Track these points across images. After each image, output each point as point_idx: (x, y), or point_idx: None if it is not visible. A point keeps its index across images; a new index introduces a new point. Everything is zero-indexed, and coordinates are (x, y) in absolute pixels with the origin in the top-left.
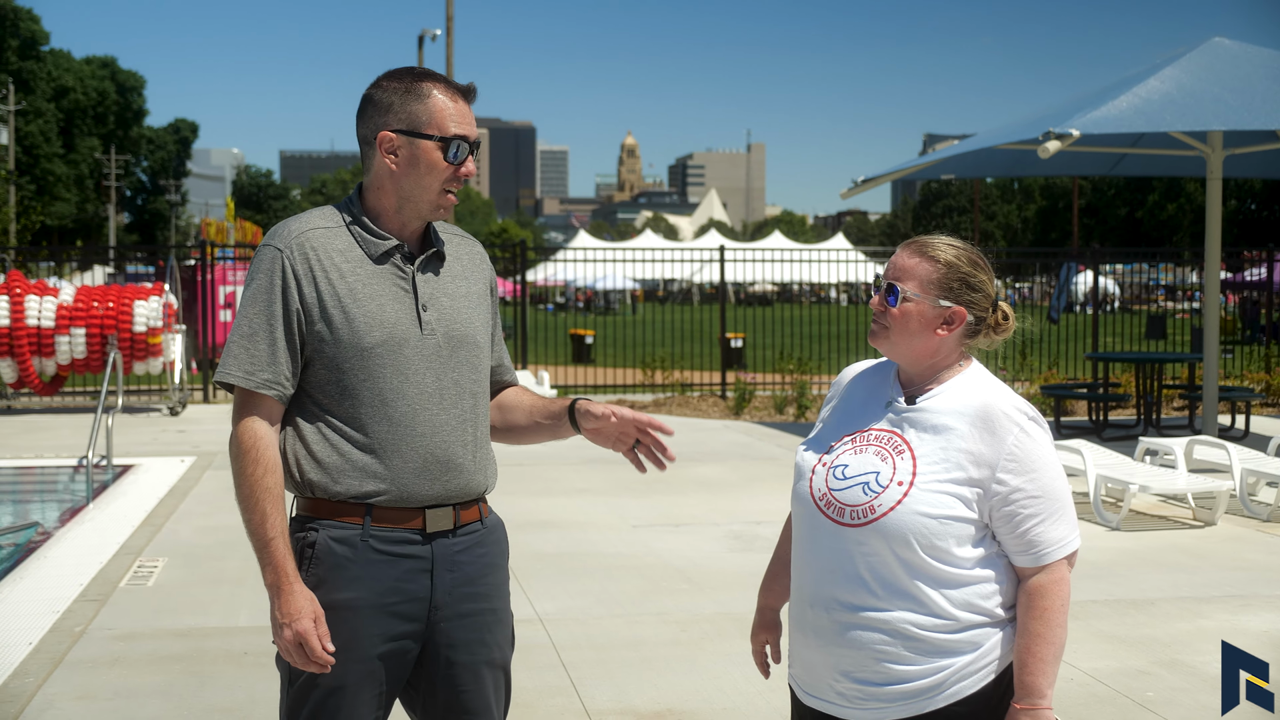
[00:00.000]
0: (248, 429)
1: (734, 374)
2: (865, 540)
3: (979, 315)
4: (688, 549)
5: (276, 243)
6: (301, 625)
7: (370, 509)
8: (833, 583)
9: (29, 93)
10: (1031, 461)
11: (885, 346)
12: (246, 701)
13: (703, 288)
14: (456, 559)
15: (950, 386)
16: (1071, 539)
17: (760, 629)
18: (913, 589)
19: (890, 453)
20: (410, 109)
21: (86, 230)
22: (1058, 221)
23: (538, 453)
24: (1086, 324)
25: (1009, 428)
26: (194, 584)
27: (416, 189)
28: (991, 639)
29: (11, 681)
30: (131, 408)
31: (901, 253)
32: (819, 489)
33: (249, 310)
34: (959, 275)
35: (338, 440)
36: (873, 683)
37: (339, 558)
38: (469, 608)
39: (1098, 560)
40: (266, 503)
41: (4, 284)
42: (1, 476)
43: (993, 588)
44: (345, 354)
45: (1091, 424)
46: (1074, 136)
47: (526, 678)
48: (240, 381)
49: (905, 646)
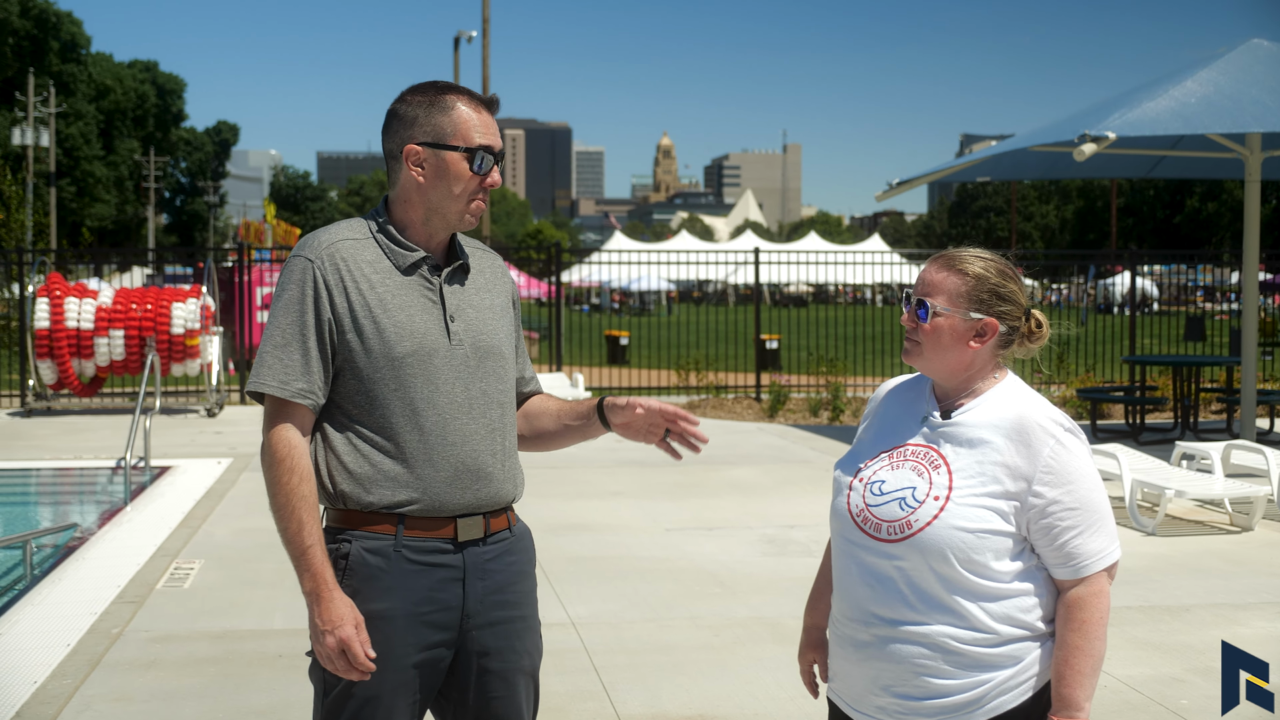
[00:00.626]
0: (282, 438)
1: (768, 376)
2: (903, 556)
3: (1011, 325)
4: (720, 553)
5: (307, 253)
6: (344, 632)
7: (402, 519)
8: (872, 598)
9: (69, 95)
10: (1068, 473)
11: (919, 363)
12: (281, 704)
13: (738, 289)
14: (487, 567)
15: (985, 399)
16: (1111, 550)
17: (807, 648)
18: (952, 603)
19: (926, 467)
20: (435, 121)
21: (126, 231)
22: (1096, 222)
23: (570, 455)
24: (1124, 326)
25: (1044, 439)
26: (230, 586)
27: (444, 200)
28: (1032, 653)
29: (50, 683)
30: (169, 409)
31: (930, 267)
32: (856, 505)
33: (281, 320)
34: (989, 287)
35: (369, 450)
36: (913, 697)
37: (372, 568)
38: (499, 615)
39: (1133, 566)
40: (303, 511)
41: (43, 286)
42: (41, 477)
43: (1032, 601)
44: (376, 364)
45: (1128, 428)
46: (1110, 139)
47: (558, 681)
48: (275, 391)
49: (945, 660)
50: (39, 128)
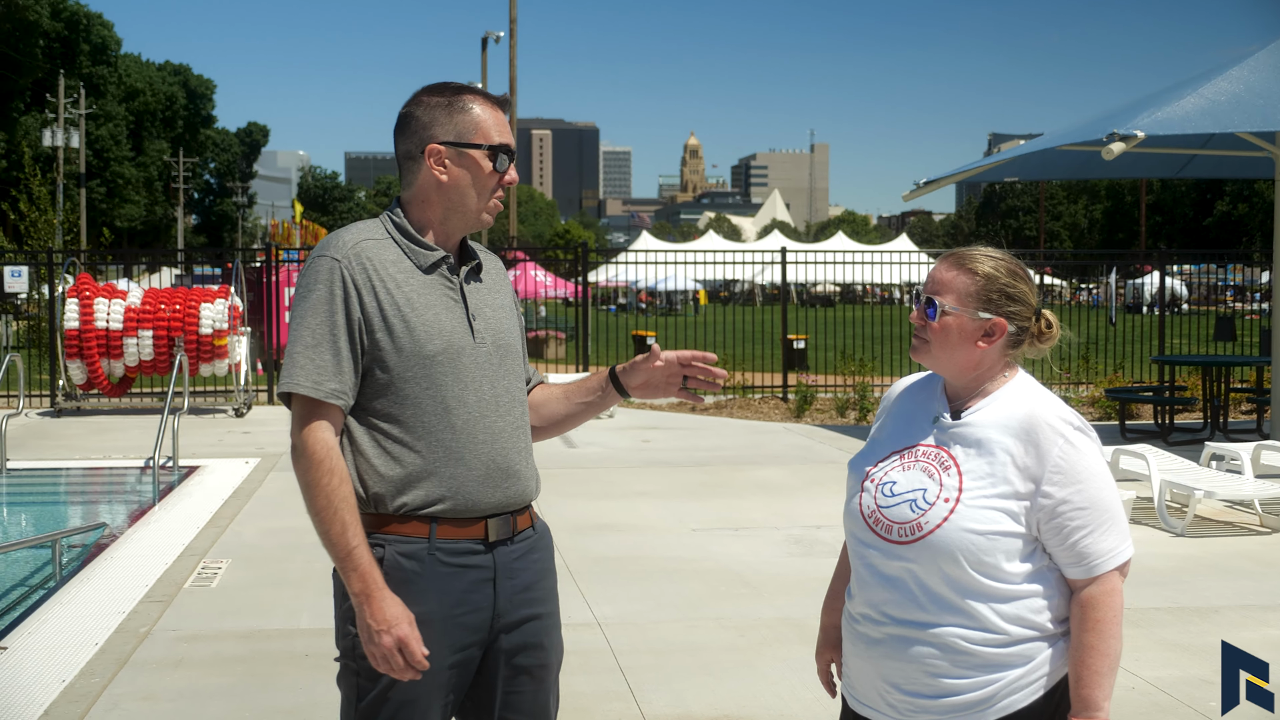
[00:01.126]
0: (319, 439)
1: (795, 376)
2: (914, 557)
3: (1021, 325)
4: (747, 553)
5: (332, 253)
6: (401, 630)
7: (435, 520)
8: (884, 598)
9: (100, 97)
10: (1077, 473)
11: (928, 360)
12: (308, 704)
13: (765, 289)
14: (514, 566)
15: (995, 399)
16: (1122, 549)
17: (825, 648)
18: (963, 604)
19: (937, 469)
20: (456, 121)
21: (155, 232)
22: (1125, 221)
23: (597, 456)
24: (1153, 326)
25: (1054, 439)
26: (257, 586)
27: (464, 199)
28: (1043, 653)
29: (78, 681)
30: (197, 409)
31: (939, 266)
32: (868, 506)
33: (310, 320)
34: (998, 287)
35: (399, 451)
36: (923, 695)
37: (408, 572)
38: (527, 613)
39: (1161, 567)
40: (345, 512)
41: (73, 287)
42: (70, 477)
43: (1043, 602)
44: (407, 363)
45: (1157, 428)
46: (1138, 138)
47: (584, 682)
48: (309, 391)
49: (956, 660)
50: (69, 129)
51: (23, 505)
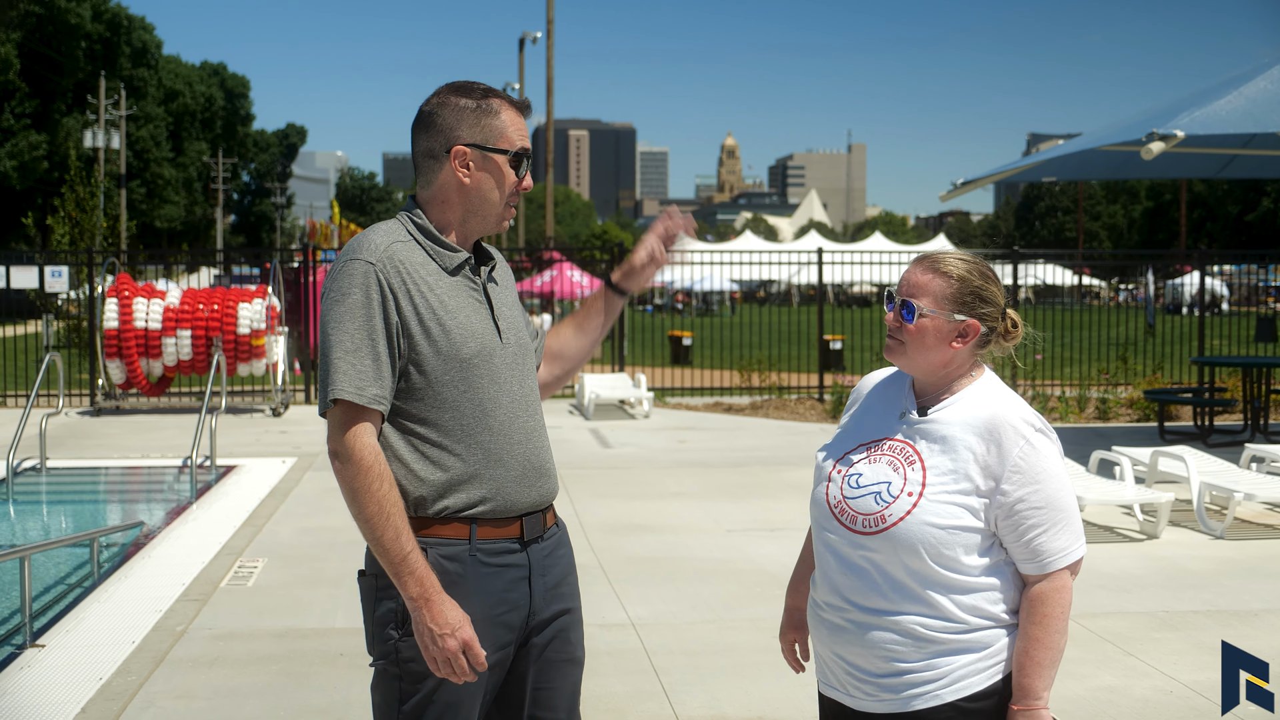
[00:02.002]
0: (365, 444)
1: (831, 376)
2: (877, 548)
3: (990, 326)
4: (782, 554)
5: (366, 256)
6: (466, 633)
7: (475, 522)
8: (847, 585)
9: (140, 98)
10: (1036, 473)
11: (902, 361)
12: (342, 703)
13: (802, 289)
14: (545, 563)
15: (961, 398)
16: (1074, 549)
17: (788, 628)
18: (923, 594)
19: (902, 463)
20: (483, 124)
21: (194, 232)
22: (1165, 222)
23: (633, 456)
24: (1192, 327)
25: (1015, 439)
26: (293, 585)
27: (485, 202)
28: (1000, 640)
29: (115, 679)
30: (235, 409)
31: (914, 269)
32: (834, 496)
33: (348, 325)
34: (971, 289)
35: (439, 455)
36: (883, 675)
37: (451, 575)
38: (556, 609)
39: (1200, 570)
40: (397, 517)
41: (112, 287)
42: (109, 476)
43: (999, 594)
44: (446, 365)
45: (1197, 430)
46: (1178, 138)
47: (618, 682)
48: (353, 397)
49: (914, 646)
50: (110, 130)
51: (62, 504)
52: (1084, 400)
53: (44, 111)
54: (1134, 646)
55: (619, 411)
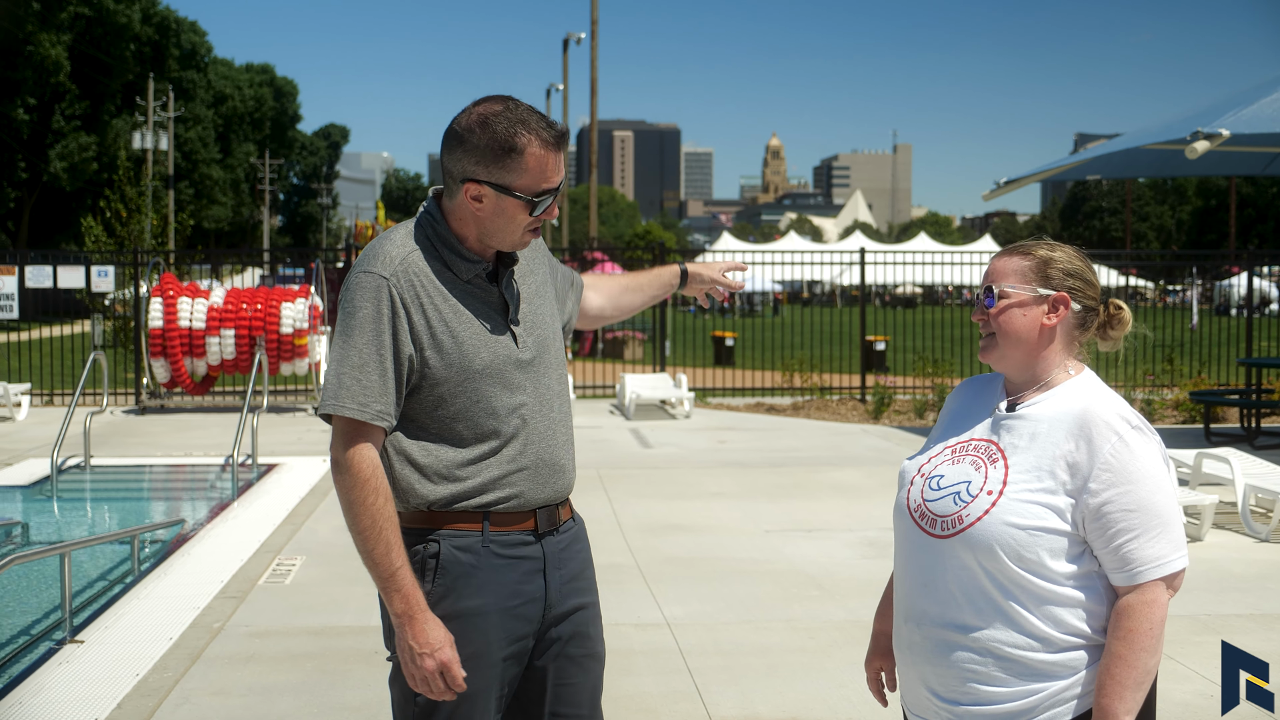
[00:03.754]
0: (365, 458)
1: (874, 377)
2: (955, 553)
3: (1086, 305)
4: (820, 555)
5: (379, 269)
6: (445, 654)
7: (488, 515)
8: (924, 597)
9: (189, 100)
10: (1128, 472)
11: (994, 357)
12: (375, 700)
13: (846, 290)
14: (561, 556)
15: (1054, 394)
16: (1171, 560)
17: (874, 655)
18: (1004, 605)
19: (985, 461)
20: (503, 164)
21: (242, 233)
22: (1214, 223)
23: (673, 456)
24: (1241, 328)
25: (1107, 435)
26: (330, 583)
27: (497, 232)
28: (1091, 664)
29: (151, 675)
30: (277, 408)
31: (994, 260)
32: (914, 500)
33: (357, 340)
34: (1057, 265)
35: (451, 458)
36: (960, 703)
37: (464, 565)
38: (574, 603)
39: (1244, 573)
40: (389, 532)
41: (157, 287)
42: (153, 474)
43: (1090, 608)
44: (457, 378)
45: (1243, 431)
46: (1223, 136)
47: (651, 682)
48: (355, 414)
49: (996, 666)
50: (158, 131)
51: (105, 500)
52: (1129, 402)
53: (93, 113)
54: (1175, 650)
55: (660, 412)
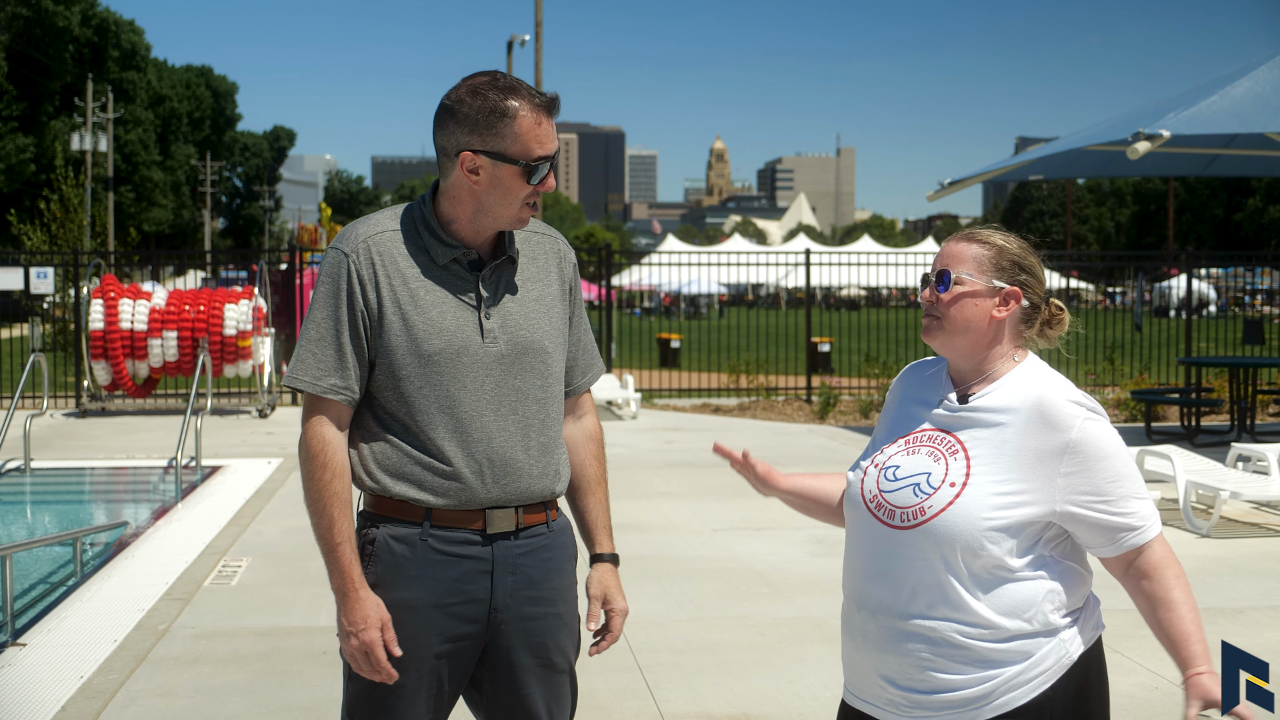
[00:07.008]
0: (316, 433)
1: (819, 378)
2: (915, 544)
3: (1033, 301)
4: (768, 553)
5: (343, 246)
6: (368, 635)
7: (429, 510)
8: (880, 587)
9: (129, 101)
10: (1100, 449)
11: (940, 341)
12: (325, 700)
13: (790, 292)
14: (519, 561)
15: (1004, 382)
16: (1157, 518)
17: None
18: (959, 596)
19: (943, 453)
20: (496, 130)
21: (183, 235)
22: (1152, 225)
23: (620, 457)
24: (1180, 329)
25: (1070, 419)
26: (277, 584)
27: (495, 205)
28: (1043, 648)
29: (96, 678)
30: (221, 410)
31: (949, 243)
32: (870, 490)
33: (316, 315)
34: (1010, 257)
35: (400, 443)
36: (917, 690)
37: (397, 556)
38: (532, 611)
39: (1187, 568)
40: (334, 508)
41: (98, 288)
42: (94, 477)
43: (1044, 594)
44: (404, 360)
45: (1184, 430)
46: (1164, 137)
47: (602, 680)
48: (307, 387)
49: (951, 655)
50: (97, 133)
51: (46, 503)
52: None
53: (31, 114)
54: (1120, 643)
55: (606, 413)
